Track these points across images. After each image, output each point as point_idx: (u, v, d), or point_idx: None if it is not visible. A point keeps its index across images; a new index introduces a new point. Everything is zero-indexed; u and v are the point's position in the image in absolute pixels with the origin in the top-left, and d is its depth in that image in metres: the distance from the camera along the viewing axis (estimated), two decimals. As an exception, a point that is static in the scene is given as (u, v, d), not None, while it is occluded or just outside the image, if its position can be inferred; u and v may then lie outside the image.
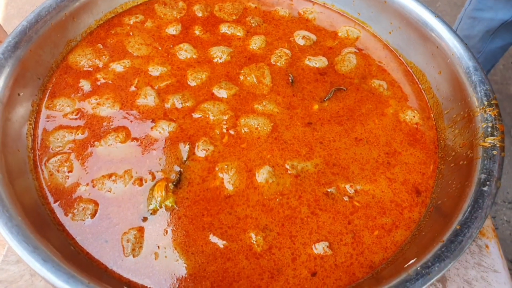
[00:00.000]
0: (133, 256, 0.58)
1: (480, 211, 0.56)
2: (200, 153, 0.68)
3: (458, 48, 0.77)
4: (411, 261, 0.54)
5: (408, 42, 0.87)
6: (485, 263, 0.71)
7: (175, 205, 0.62)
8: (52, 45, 0.79)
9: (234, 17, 0.92)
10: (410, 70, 0.86)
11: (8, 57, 0.70)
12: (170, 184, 0.63)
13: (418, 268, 0.51)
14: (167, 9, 0.91)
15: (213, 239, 0.59)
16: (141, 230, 0.61)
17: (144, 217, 0.61)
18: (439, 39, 0.80)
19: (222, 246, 0.59)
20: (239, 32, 0.88)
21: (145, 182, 0.64)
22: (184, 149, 0.68)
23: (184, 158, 0.67)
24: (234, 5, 0.94)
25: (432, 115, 0.80)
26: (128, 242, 0.59)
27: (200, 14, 0.91)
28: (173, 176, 0.65)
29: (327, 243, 0.60)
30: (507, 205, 1.86)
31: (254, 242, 0.60)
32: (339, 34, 0.90)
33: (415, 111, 0.79)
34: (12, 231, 0.51)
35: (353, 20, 0.94)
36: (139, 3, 0.92)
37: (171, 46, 0.84)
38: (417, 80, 0.85)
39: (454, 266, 0.70)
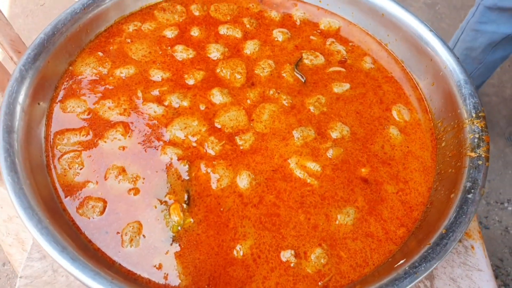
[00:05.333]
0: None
1: (464, 216, 0.62)
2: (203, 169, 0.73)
3: (451, 61, 0.83)
4: (401, 262, 0.59)
5: (404, 54, 0.92)
6: (470, 262, 0.77)
7: (192, 223, 0.67)
8: (67, 55, 0.84)
9: (228, 18, 0.96)
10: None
11: (29, 68, 0.75)
12: (183, 205, 0.68)
13: (407, 268, 0.57)
14: (168, 14, 0.95)
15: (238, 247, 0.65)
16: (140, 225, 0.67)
17: (170, 242, 0.66)
18: (433, 53, 0.86)
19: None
20: (237, 34, 0.93)
21: (157, 207, 0.69)
22: (183, 168, 0.73)
23: (186, 177, 0.72)
24: (229, 6, 0.98)
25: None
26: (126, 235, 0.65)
27: (197, 13, 0.96)
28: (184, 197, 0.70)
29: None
30: (499, 205, 1.92)
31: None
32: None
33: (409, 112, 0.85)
34: (42, 233, 0.57)
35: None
36: (141, 8, 0.96)
37: (169, 48, 0.89)
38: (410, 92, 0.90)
39: (441, 265, 0.75)
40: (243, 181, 0.72)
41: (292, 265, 0.65)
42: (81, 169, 0.72)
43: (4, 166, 0.62)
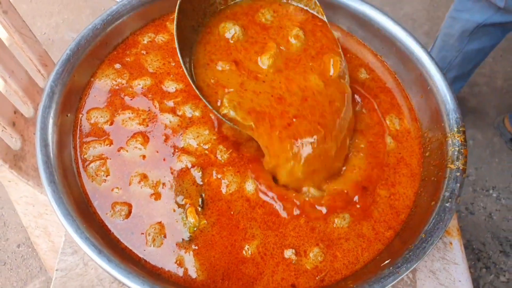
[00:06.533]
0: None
1: (441, 223, 0.72)
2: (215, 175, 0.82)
3: (438, 78, 0.91)
4: (386, 262, 0.70)
5: (397, 66, 1.00)
6: (448, 257, 0.88)
7: (206, 224, 0.77)
8: (89, 68, 0.92)
9: None
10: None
11: (58, 83, 0.83)
12: (198, 208, 0.78)
13: (391, 268, 0.68)
14: None
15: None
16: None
17: (188, 241, 0.76)
18: (422, 68, 0.94)
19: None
20: None
21: (175, 210, 0.78)
22: (197, 174, 0.82)
23: (200, 183, 0.81)
24: None
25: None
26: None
27: None
28: (199, 201, 0.79)
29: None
30: (484, 192, 2.05)
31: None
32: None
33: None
34: (82, 237, 0.66)
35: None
36: (154, 20, 1.02)
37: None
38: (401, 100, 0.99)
39: (423, 259, 0.87)
40: (249, 186, 0.82)
41: (293, 262, 0.75)
42: (107, 176, 0.81)
43: (44, 177, 0.71)
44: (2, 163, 0.79)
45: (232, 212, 0.79)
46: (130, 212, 0.78)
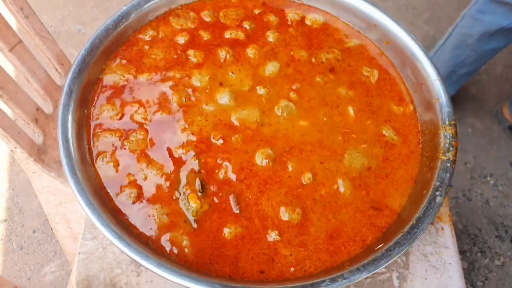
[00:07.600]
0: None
1: (431, 210, 0.78)
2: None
3: (432, 72, 0.96)
4: (380, 245, 0.77)
5: (393, 60, 1.05)
6: (439, 241, 0.94)
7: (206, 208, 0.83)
8: (100, 66, 0.97)
9: (236, 23, 1.08)
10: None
11: (75, 82, 0.89)
12: (199, 194, 0.83)
13: (384, 251, 0.74)
14: (182, 20, 1.07)
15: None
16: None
17: (189, 222, 0.81)
18: (417, 63, 0.99)
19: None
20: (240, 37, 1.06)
21: (178, 195, 0.84)
22: (194, 162, 0.87)
23: (197, 169, 0.86)
24: (237, 11, 1.10)
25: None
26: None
27: (208, 19, 1.08)
28: (197, 186, 0.84)
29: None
30: (482, 179, 2.11)
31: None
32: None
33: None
34: (103, 224, 0.73)
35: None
36: (157, 17, 1.07)
37: (182, 53, 1.01)
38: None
39: (416, 244, 0.93)
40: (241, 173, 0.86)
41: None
42: (117, 165, 0.87)
43: (67, 170, 0.78)
44: (27, 156, 0.86)
45: (220, 194, 0.83)
46: (138, 196, 0.83)
